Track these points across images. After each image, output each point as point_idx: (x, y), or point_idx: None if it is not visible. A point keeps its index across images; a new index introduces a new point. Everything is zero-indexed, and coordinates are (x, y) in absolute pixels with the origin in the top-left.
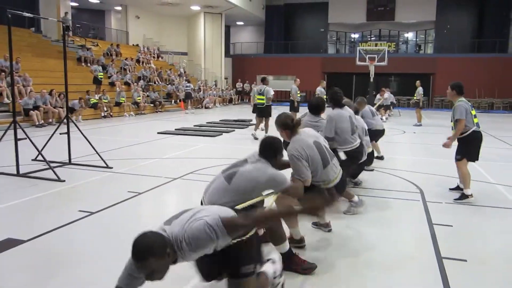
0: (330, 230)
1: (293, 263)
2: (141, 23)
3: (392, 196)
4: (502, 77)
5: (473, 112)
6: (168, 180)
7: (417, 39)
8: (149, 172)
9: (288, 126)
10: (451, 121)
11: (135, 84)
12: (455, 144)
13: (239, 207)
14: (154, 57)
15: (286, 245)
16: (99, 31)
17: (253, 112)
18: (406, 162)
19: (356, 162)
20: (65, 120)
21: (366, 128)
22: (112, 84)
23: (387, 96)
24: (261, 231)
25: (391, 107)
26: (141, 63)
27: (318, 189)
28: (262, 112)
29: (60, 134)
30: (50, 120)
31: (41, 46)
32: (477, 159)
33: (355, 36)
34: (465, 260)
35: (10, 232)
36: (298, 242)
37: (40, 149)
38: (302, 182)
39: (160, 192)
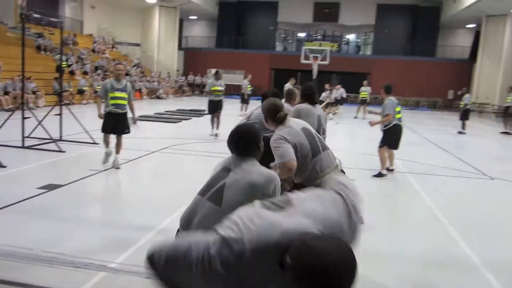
0: None
1: None
2: (96, 13)
3: None
4: (429, 78)
5: (398, 109)
6: (149, 152)
7: (358, 41)
8: (130, 147)
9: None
10: (382, 116)
11: (94, 73)
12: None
13: None
14: (109, 47)
15: None
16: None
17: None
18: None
19: None
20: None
21: None
22: (72, 73)
23: (334, 93)
24: None
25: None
26: (96, 53)
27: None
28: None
29: (55, 115)
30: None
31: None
32: (397, 148)
33: (302, 35)
34: None
35: (48, 180)
36: None
37: (33, 128)
38: (288, 164)
39: (145, 159)
